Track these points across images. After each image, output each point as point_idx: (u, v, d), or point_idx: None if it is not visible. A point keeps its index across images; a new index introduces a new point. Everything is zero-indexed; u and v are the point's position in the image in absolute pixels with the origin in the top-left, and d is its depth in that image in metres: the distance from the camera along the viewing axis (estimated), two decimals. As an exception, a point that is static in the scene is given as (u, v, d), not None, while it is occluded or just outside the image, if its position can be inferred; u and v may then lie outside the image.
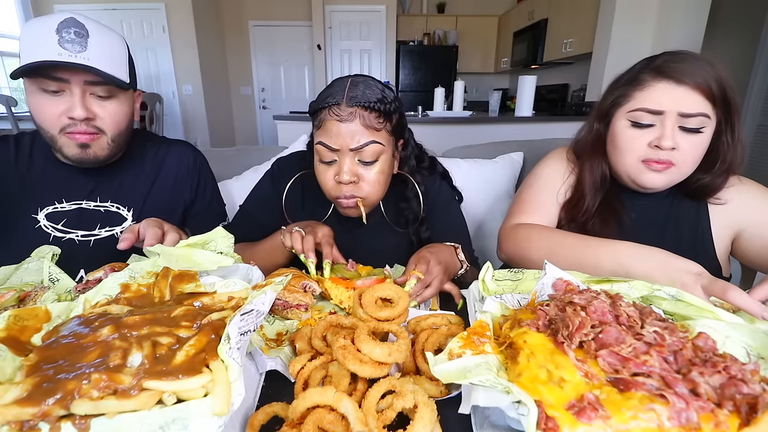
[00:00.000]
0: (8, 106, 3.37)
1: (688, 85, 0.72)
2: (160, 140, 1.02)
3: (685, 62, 0.73)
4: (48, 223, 0.87)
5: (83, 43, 0.74)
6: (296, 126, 3.20)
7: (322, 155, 0.77)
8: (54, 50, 0.72)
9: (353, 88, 0.74)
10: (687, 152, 0.75)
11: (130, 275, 0.58)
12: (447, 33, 5.99)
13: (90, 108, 0.78)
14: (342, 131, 0.73)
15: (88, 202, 0.89)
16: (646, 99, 0.76)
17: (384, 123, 0.76)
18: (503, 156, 1.49)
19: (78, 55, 0.73)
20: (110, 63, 0.78)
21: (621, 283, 0.58)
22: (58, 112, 0.77)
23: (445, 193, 0.96)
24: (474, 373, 0.39)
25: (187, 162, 1.01)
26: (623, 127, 0.80)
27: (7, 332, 0.44)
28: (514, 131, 3.13)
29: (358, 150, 0.75)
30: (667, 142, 0.74)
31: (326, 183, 0.79)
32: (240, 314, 0.42)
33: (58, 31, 0.73)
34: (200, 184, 1.03)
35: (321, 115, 0.76)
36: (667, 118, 0.74)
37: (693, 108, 0.72)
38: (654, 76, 0.76)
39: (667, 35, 3.04)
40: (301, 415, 0.41)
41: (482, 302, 0.57)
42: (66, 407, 0.34)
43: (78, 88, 0.76)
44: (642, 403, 0.35)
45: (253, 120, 6.35)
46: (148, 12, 4.93)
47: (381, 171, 0.79)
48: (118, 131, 0.84)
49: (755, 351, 0.45)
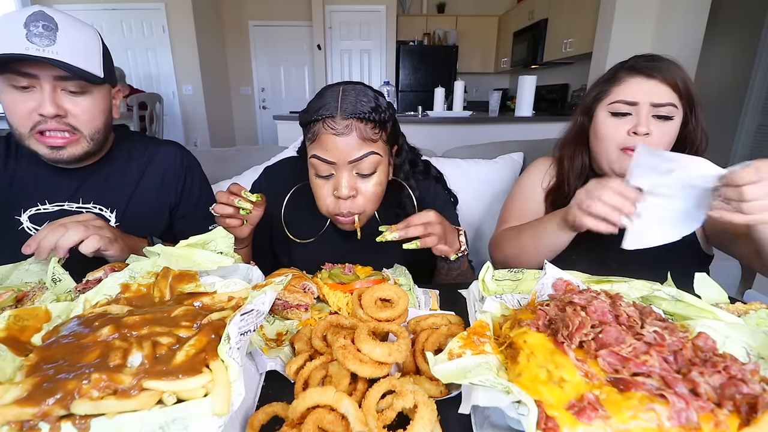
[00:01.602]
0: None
1: (657, 78, 0.83)
2: (148, 141, 1.00)
3: (654, 61, 0.85)
4: (31, 225, 0.85)
5: (51, 37, 0.71)
6: (296, 126, 3.14)
7: (318, 169, 0.75)
8: (21, 44, 0.69)
9: (345, 98, 0.72)
10: (660, 138, 0.85)
11: (130, 275, 0.58)
12: (447, 33, 5.99)
13: (61, 104, 0.75)
14: (339, 145, 0.71)
15: (70, 203, 0.88)
16: (621, 92, 0.86)
17: (380, 133, 0.75)
18: (503, 156, 1.49)
19: (46, 49, 0.71)
20: (81, 57, 0.75)
21: (621, 283, 0.58)
22: (28, 108, 0.74)
23: (440, 197, 0.95)
24: (474, 373, 0.39)
25: (174, 163, 0.98)
26: (604, 117, 0.89)
27: (7, 332, 0.44)
28: (514, 131, 3.13)
29: (356, 163, 0.73)
30: (642, 128, 0.83)
31: (324, 199, 0.78)
32: (240, 314, 0.42)
33: (26, 24, 0.70)
34: (186, 185, 0.99)
35: (314, 128, 0.74)
36: (641, 108, 0.84)
37: (662, 98, 0.83)
38: (628, 73, 0.87)
39: (667, 35, 3.04)
40: (301, 415, 0.41)
41: (482, 302, 0.57)
42: (66, 407, 0.34)
43: (48, 83, 0.73)
44: (642, 403, 0.34)
45: (253, 120, 6.35)
46: (148, 12, 4.92)
47: (379, 183, 0.77)
48: (94, 128, 0.81)
49: (755, 351, 0.45)
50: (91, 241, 0.67)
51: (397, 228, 0.68)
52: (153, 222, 0.91)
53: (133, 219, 0.92)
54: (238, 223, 0.76)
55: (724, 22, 3.63)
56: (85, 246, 0.67)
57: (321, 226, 0.87)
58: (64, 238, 0.65)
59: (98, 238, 0.68)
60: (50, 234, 0.66)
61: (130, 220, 0.91)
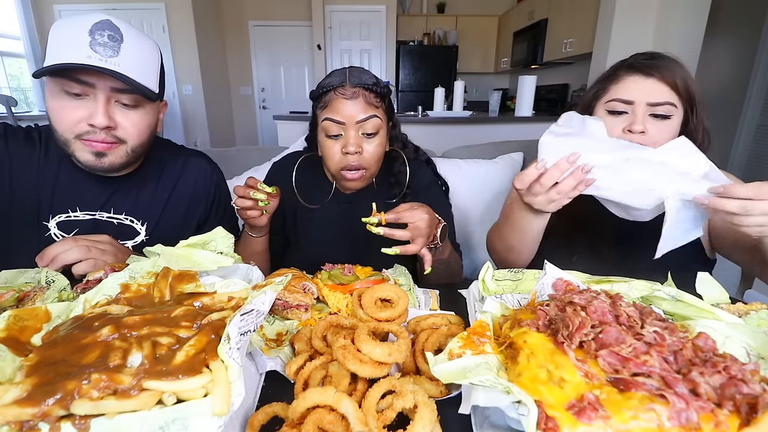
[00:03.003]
0: (8, 106, 3.38)
1: (655, 77, 0.82)
2: (178, 151, 0.99)
3: (653, 59, 0.85)
4: (59, 232, 0.83)
5: (116, 48, 0.70)
6: (296, 126, 3.20)
7: (329, 130, 0.86)
8: (84, 52, 0.68)
9: (352, 72, 0.86)
10: (657, 136, 0.84)
11: (130, 275, 0.58)
12: (447, 33, 5.99)
13: (112, 116, 0.74)
14: (348, 107, 0.84)
15: (101, 213, 0.86)
16: (618, 90, 0.86)
17: (380, 102, 0.88)
18: (503, 156, 1.49)
19: (109, 60, 0.69)
20: (142, 71, 0.74)
21: (621, 283, 0.58)
22: (77, 116, 0.73)
23: (428, 177, 1.04)
24: (474, 373, 0.39)
25: (204, 178, 0.98)
26: (602, 115, 0.89)
27: (7, 332, 0.44)
28: (514, 131, 3.13)
29: (362, 123, 0.85)
30: (638, 126, 0.83)
31: (333, 156, 0.87)
32: (240, 314, 0.42)
33: (92, 32, 0.69)
34: (215, 202, 1.00)
35: (327, 96, 0.86)
36: (637, 107, 0.84)
37: (660, 97, 0.82)
38: (626, 71, 0.86)
39: (667, 35, 3.04)
40: (301, 415, 0.41)
41: (482, 302, 0.57)
42: (66, 407, 0.34)
43: (103, 94, 0.72)
44: (642, 403, 0.34)
45: (253, 120, 6.35)
46: (148, 12, 4.92)
47: (380, 144, 0.89)
48: (139, 142, 0.80)
49: (755, 351, 0.45)
50: (85, 264, 0.70)
51: (386, 217, 0.71)
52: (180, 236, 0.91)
53: (162, 232, 0.91)
54: (258, 214, 0.83)
55: (724, 23, 3.62)
56: (77, 267, 0.69)
57: (326, 197, 0.96)
58: (65, 254, 0.68)
59: (93, 263, 0.70)
60: (58, 246, 0.69)
61: (159, 233, 0.91)
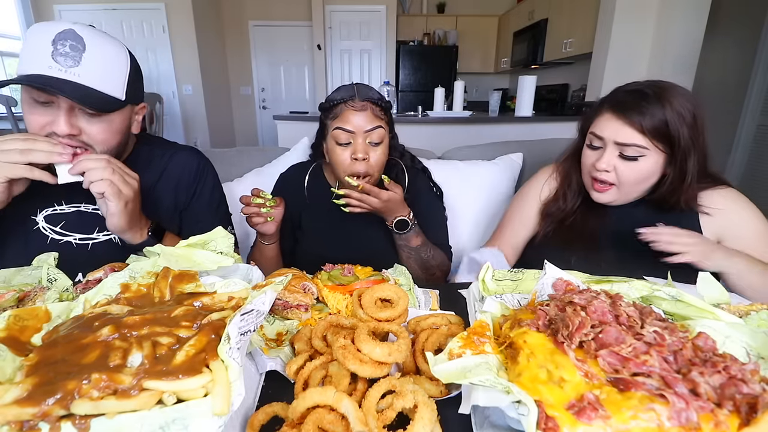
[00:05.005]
0: (8, 106, 3.38)
1: (625, 119, 0.82)
2: (168, 146, 1.00)
3: (636, 98, 0.82)
4: (47, 225, 0.85)
5: (77, 58, 0.70)
6: (296, 126, 3.19)
7: (339, 138, 0.95)
8: (45, 62, 0.69)
9: (360, 88, 0.96)
10: (625, 175, 0.85)
11: (130, 275, 0.58)
12: (447, 33, 5.99)
13: (75, 124, 0.74)
14: (357, 118, 0.93)
15: (86, 204, 0.88)
16: (596, 125, 0.88)
17: (384, 115, 0.98)
18: (503, 157, 1.49)
19: (69, 70, 0.70)
20: (105, 79, 0.74)
21: (621, 284, 0.58)
22: (42, 122, 0.73)
23: (422, 184, 1.13)
24: (474, 373, 0.39)
25: (190, 169, 0.98)
26: (585, 145, 0.92)
27: (7, 332, 0.44)
28: (514, 131, 3.12)
29: (370, 132, 0.94)
30: (602, 164, 0.85)
31: (343, 162, 0.96)
32: (240, 314, 0.42)
33: (54, 42, 0.69)
34: (198, 187, 1.00)
35: (337, 108, 0.95)
36: (607, 145, 0.85)
37: (627, 139, 0.82)
38: (606, 107, 0.86)
39: (667, 35, 3.04)
40: (301, 415, 0.41)
41: (482, 302, 0.57)
42: (66, 407, 0.34)
43: (65, 102, 0.72)
44: (642, 403, 0.35)
45: (253, 120, 6.34)
46: (148, 12, 4.92)
47: (384, 152, 0.98)
48: (107, 147, 0.80)
49: (755, 351, 0.45)
50: (102, 184, 0.72)
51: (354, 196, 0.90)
52: (166, 225, 0.91)
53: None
54: (262, 221, 0.93)
55: (724, 23, 3.62)
56: (95, 186, 0.72)
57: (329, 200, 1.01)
58: (91, 173, 0.71)
59: (109, 183, 0.72)
60: (92, 161, 0.72)
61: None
